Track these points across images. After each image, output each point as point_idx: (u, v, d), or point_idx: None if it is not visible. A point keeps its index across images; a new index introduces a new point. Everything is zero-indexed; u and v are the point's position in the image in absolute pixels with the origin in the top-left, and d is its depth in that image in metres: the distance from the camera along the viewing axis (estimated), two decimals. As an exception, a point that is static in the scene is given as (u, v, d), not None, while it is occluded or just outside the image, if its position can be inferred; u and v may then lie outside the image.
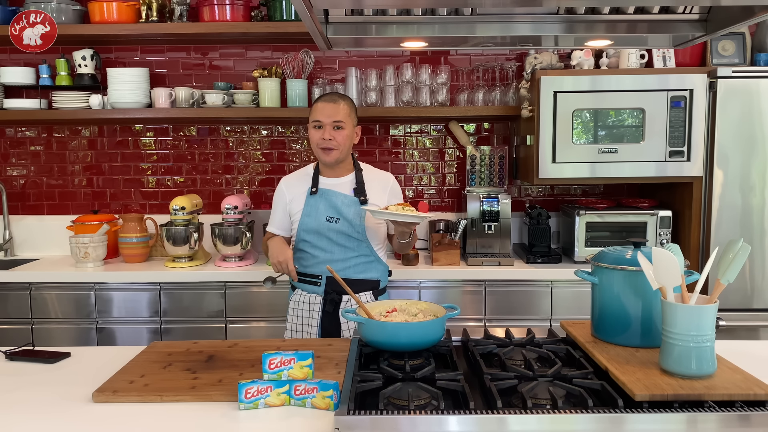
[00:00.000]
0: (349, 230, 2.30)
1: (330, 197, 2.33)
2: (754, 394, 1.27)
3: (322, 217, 2.31)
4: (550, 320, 2.96)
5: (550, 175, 2.99)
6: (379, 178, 2.42)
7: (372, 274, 2.36)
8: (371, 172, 2.44)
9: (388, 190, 2.39)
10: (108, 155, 3.56)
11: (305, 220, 2.32)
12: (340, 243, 2.31)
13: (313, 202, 2.33)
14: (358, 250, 2.32)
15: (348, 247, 2.31)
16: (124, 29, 3.15)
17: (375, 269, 2.37)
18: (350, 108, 2.34)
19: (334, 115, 2.27)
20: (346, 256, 2.31)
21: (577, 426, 1.24)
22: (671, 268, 1.34)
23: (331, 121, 2.27)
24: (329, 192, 2.34)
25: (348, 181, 2.37)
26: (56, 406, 1.44)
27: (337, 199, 2.32)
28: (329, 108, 2.28)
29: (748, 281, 2.93)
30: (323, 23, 1.63)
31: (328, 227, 2.30)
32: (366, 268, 2.34)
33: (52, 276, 3.00)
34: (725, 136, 2.91)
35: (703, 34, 1.65)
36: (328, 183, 2.36)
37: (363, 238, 2.32)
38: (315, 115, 2.30)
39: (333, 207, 2.31)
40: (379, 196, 2.36)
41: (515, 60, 3.44)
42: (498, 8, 1.59)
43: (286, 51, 3.39)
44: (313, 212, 2.32)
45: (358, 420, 1.24)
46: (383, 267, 2.41)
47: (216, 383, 1.50)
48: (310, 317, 2.31)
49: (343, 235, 2.30)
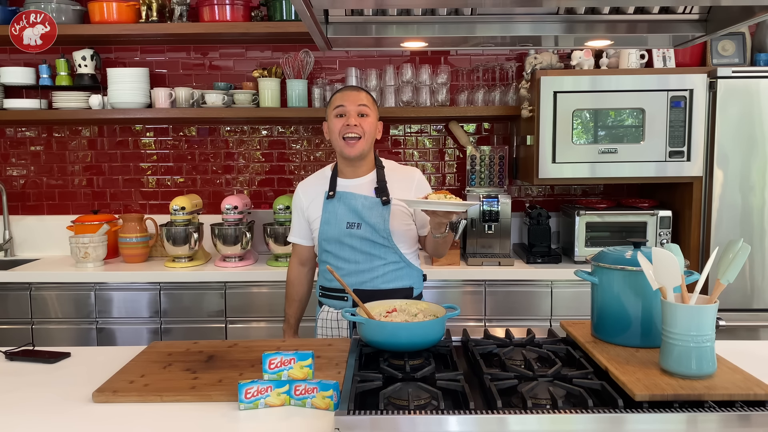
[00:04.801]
0: (374, 236, 2.05)
1: (349, 200, 2.08)
2: (754, 394, 1.26)
3: (342, 223, 2.07)
4: (550, 320, 2.96)
5: (550, 175, 2.99)
6: (404, 174, 2.17)
7: (404, 282, 2.11)
8: (395, 168, 2.19)
9: (413, 187, 2.14)
10: (108, 155, 3.56)
11: (324, 228, 2.09)
12: (365, 251, 2.06)
13: (331, 207, 2.10)
14: (386, 257, 2.08)
15: (374, 254, 2.07)
16: (124, 29, 3.15)
17: (407, 276, 2.12)
18: (372, 98, 2.14)
19: (358, 100, 2.05)
20: (373, 265, 2.07)
21: (577, 426, 1.24)
22: (671, 268, 1.34)
23: (355, 106, 2.04)
24: (348, 195, 2.09)
25: (369, 180, 2.12)
26: (56, 406, 1.44)
27: (357, 201, 2.07)
28: (352, 94, 2.07)
29: (748, 281, 2.93)
30: (323, 23, 1.63)
31: (350, 234, 2.06)
32: (396, 276, 2.10)
33: (52, 276, 3.00)
34: (725, 136, 2.91)
35: (703, 34, 1.65)
36: (347, 184, 2.12)
37: (390, 243, 2.07)
38: (336, 102, 2.07)
39: (353, 211, 2.07)
40: (404, 194, 2.10)
41: (515, 60, 3.44)
42: (498, 8, 1.59)
43: (286, 51, 3.39)
44: (332, 219, 2.08)
45: (358, 420, 1.24)
46: (416, 272, 2.17)
47: (216, 383, 1.50)
48: (339, 335, 2.11)
49: (368, 241, 2.06)
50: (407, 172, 2.19)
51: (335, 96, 2.10)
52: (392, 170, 2.16)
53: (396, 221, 2.08)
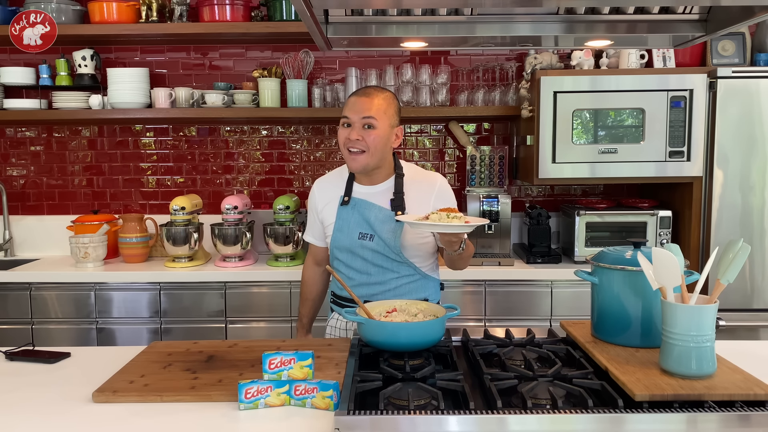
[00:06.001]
0: (385, 250, 1.95)
1: (363, 210, 1.97)
2: (754, 394, 1.26)
3: (355, 233, 1.97)
4: (550, 320, 2.96)
5: (550, 175, 2.99)
6: (425, 182, 2.02)
7: (418, 295, 2.00)
8: (416, 175, 2.03)
9: (433, 195, 1.99)
10: (108, 155, 3.56)
11: (337, 235, 2.00)
12: (377, 263, 1.97)
13: (345, 214, 1.99)
14: (398, 271, 1.98)
15: (386, 268, 1.97)
16: (124, 29, 3.15)
17: (422, 288, 2.02)
18: (387, 103, 1.94)
19: (364, 111, 1.90)
20: (385, 278, 1.97)
21: (577, 426, 1.24)
22: (671, 268, 1.34)
23: (360, 118, 1.90)
24: (363, 203, 1.98)
25: (385, 189, 1.99)
26: (56, 406, 1.44)
27: (371, 212, 1.96)
28: (360, 102, 1.91)
29: (748, 281, 2.93)
30: (323, 23, 1.63)
31: (362, 245, 1.96)
32: (410, 288, 1.99)
33: (52, 276, 3.00)
34: (725, 136, 2.91)
35: (703, 34, 1.65)
36: (363, 192, 2.00)
37: (402, 259, 1.96)
38: (344, 110, 1.95)
39: (366, 222, 1.96)
40: (423, 204, 1.96)
41: (515, 60, 3.44)
42: (498, 8, 1.59)
43: (286, 51, 3.39)
44: (345, 227, 1.99)
45: (358, 420, 1.24)
46: (433, 283, 2.06)
47: (216, 383, 1.50)
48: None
49: (380, 255, 1.96)
50: (429, 178, 2.04)
51: (347, 101, 1.97)
52: (412, 177, 2.01)
53: (410, 235, 1.96)
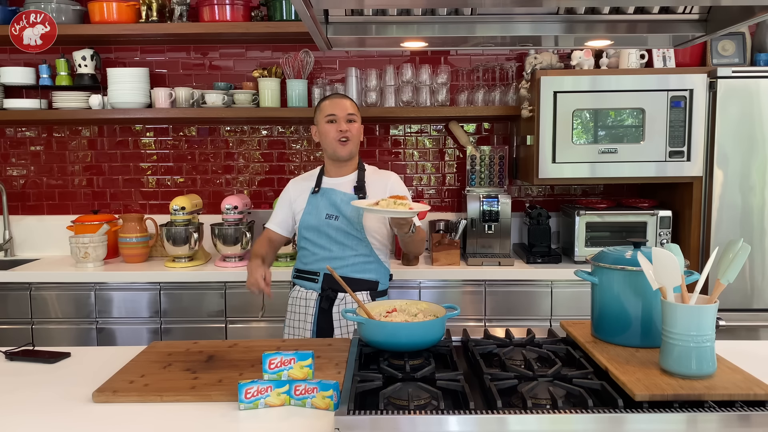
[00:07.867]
0: (348, 227, 2.33)
1: (330, 195, 2.38)
2: (754, 394, 1.27)
3: (322, 214, 2.36)
4: (550, 320, 2.96)
5: (550, 175, 2.99)
6: (381, 177, 2.45)
7: (370, 275, 2.36)
8: (374, 173, 2.48)
9: (387, 189, 2.39)
10: (108, 155, 3.56)
11: (306, 218, 2.39)
12: (339, 241, 2.33)
13: (315, 200, 2.40)
14: (357, 249, 2.34)
15: (347, 245, 2.33)
16: (124, 29, 3.15)
17: (374, 270, 2.37)
18: (356, 106, 2.47)
19: (347, 108, 2.39)
20: (344, 254, 2.33)
21: (577, 426, 1.24)
22: (671, 268, 1.34)
23: (345, 114, 2.37)
24: (330, 190, 2.39)
25: (350, 179, 2.42)
26: (56, 406, 1.44)
27: (337, 196, 2.36)
28: (341, 102, 2.40)
29: (748, 281, 2.93)
30: (323, 23, 1.63)
31: (328, 224, 2.34)
32: (364, 268, 2.35)
33: (52, 276, 3.00)
34: (725, 136, 2.91)
35: (703, 34, 1.65)
36: (331, 182, 2.42)
37: (362, 236, 2.34)
38: (327, 111, 2.39)
39: (333, 204, 2.36)
40: (380, 194, 2.35)
41: (515, 60, 3.44)
42: (498, 8, 1.59)
43: (286, 51, 3.39)
44: (313, 210, 2.38)
45: (358, 420, 1.24)
46: (383, 269, 2.41)
47: (216, 383, 1.50)
48: (305, 313, 2.34)
49: (342, 232, 2.33)
50: (384, 175, 2.47)
51: (325, 103, 2.41)
52: (372, 173, 2.46)
53: (369, 218, 2.33)
